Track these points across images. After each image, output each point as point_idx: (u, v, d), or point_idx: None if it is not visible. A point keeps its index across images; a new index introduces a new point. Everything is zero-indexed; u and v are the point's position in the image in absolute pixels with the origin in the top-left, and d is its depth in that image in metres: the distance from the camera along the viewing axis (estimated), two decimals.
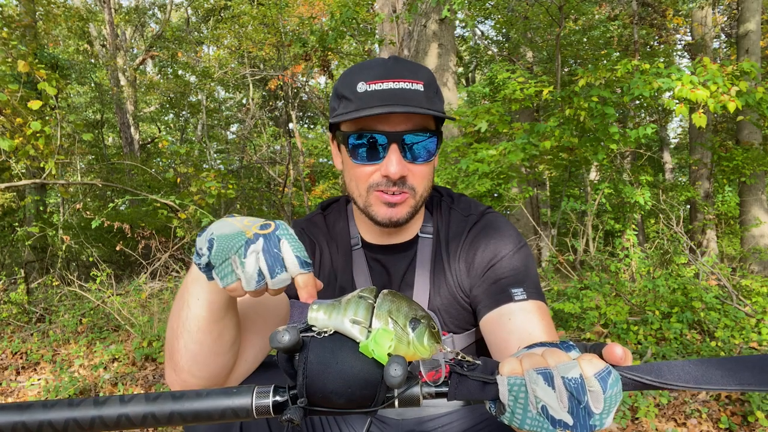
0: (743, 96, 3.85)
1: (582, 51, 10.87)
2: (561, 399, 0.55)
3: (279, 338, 0.60)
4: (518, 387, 0.57)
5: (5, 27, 6.17)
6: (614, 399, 0.56)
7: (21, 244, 6.56)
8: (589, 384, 0.56)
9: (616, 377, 0.56)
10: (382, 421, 1.13)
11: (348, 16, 6.56)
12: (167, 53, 13.43)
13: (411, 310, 0.63)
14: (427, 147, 1.00)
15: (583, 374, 0.56)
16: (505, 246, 1.04)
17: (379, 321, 0.62)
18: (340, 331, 0.63)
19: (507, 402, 0.58)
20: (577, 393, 0.55)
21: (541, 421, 0.56)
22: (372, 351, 0.60)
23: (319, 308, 0.64)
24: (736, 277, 4.70)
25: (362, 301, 0.63)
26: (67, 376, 3.24)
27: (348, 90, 0.97)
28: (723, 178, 8.38)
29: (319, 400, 0.61)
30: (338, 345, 0.61)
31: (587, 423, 0.55)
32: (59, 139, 4.56)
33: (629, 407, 2.55)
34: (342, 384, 0.60)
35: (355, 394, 0.60)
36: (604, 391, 0.55)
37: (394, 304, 0.63)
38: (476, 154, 4.66)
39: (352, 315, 0.62)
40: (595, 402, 0.55)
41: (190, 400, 0.62)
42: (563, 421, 0.55)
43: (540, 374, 0.56)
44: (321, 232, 1.15)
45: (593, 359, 0.58)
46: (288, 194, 9.99)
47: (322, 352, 0.61)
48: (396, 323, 0.61)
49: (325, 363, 0.60)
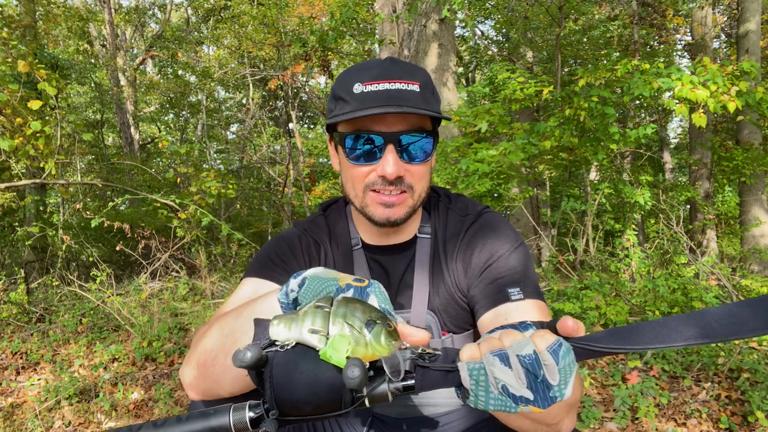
0: (743, 96, 3.85)
1: (582, 51, 10.87)
2: (519, 376, 0.58)
3: (241, 357, 0.61)
4: (477, 371, 0.60)
5: (5, 27, 6.17)
6: (568, 369, 0.58)
7: (21, 244, 6.56)
8: (543, 358, 0.58)
9: (568, 348, 0.59)
10: (382, 421, 1.13)
11: (348, 16, 6.56)
12: (167, 53, 13.43)
13: (366, 313, 0.64)
14: (423, 147, 1.00)
15: (536, 350, 0.59)
16: (502, 245, 1.05)
17: (336, 327, 0.63)
18: (301, 342, 0.64)
19: (469, 387, 0.61)
20: (532, 368, 0.58)
21: (504, 400, 0.59)
22: (330, 357, 0.61)
23: (279, 322, 0.65)
24: (736, 277, 4.71)
25: (318, 311, 0.65)
26: (67, 376, 3.24)
27: (344, 91, 0.98)
28: (723, 178, 8.39)
29: (290, 410, 0.63)
30: (300, 355, 0.63)
31: (547, 395, 0.58)
32: (59, 139, 4.56)
33: (629, 407, 2.55)
34: (307, 392, 0.62)
35: (322, 400, 0.62)
36: (557, 363, 0.58)
37: (348, 308, 0.64)
38: (476, 154, 4.66)
39: (310, 325, 0.64)
40: (551, 375, 0.58)
41: (171, 426, 0.64)
42: (524, 397, 0.58)
43: (496, 356, 0.59)
44: (323, 232, 1.16)
45: (545, 334, 0.61)
46: (288, 194, 9.99)
47: (285, 363, 0.63)
48: (352, 327, 0.63)
49: (289, 374, 0.62)
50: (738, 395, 2.65)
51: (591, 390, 2.85)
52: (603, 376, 2.98)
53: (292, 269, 1.06)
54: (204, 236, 6.22)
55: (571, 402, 0.81)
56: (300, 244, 1.12)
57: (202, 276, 5.33)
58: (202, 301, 4.74)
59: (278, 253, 1.10)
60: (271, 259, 1.08)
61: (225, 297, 4.87)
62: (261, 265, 1.07)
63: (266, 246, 1.14)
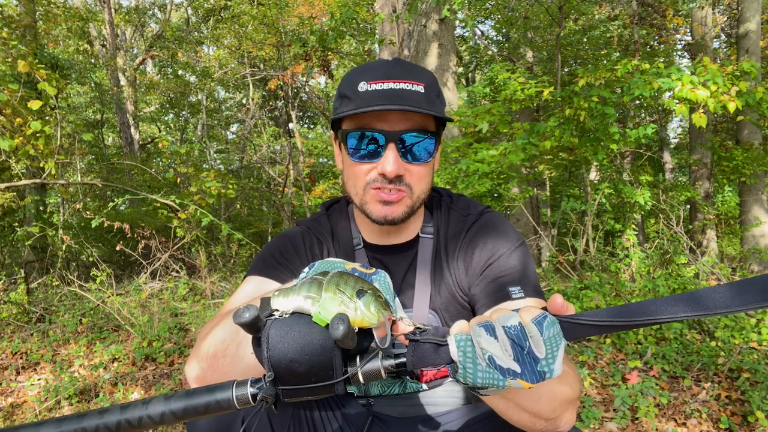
0: (743, 96, 3.85)
1: (582, 51, 10.88)
2: (505, 347, 0.59)
3: (240, 314, 0.64)
4: (464, 342, 0.61)
5: (5, 27, 6.17)
6: (554, 341, 0.59)
7: (21, 244, 6.56)
8: (528, 330, 0.59)
9: (552, 320, 0.60)
10: (382, 420, 1.13)
11: (348, 16, 6.57)
12: (167, 53, 13.43)
13: (358, 284, 0.67)
14: (425, 148, 1.01)
15: (522, 322, 0.60)
16: (502, 245, 1.05)
17: (328, 294, 0.66)
18: (297, 310, 0.67)
19: (458, 359, 0.61)
20: (518, 339, 0.59)
21: (491, 372, 0.59)
22: (321, 317, 0.64)
23: (279, 294, 0.69)
24: (736, 277, 4.71)
25: (315, 281, 0.69)
26: (67, 376, 3.24)
27: (349, 89, 0.98)
28: (723, 178, 8.39)
29: (285, 373, 0.65)
30: (295, 320, 0.66)
31: (535, 369, 0.58)
32: (59, 139, 4.56)
33: (629, 407, 2.55)
34: (299, 351, 0.64)
35: (314, 361, 0.64)
36: (542, 334, 0.59)
37: (342, 278, 0.68)
38: (476, 154, 4.66)
39: (305, 292, 0.67)
40: (536, 346, 0.59)
41: (180, 399, 0.68)
42: (511, 370, 0.58)
43: (482, 327, 0.61)
44: (326, 231, 1.16)
45: (531, 308, 0.62)
46: (288, 194, 9.99)
47: (281, 327, 0.66)
48: (343, 293, 0.66)
49: (284, 336, 0.65)
50: (738, 395, 2.65)
51: (591, 390, 2.85)
52: (603, 376, 2.98)
53: (295, 267, 1.07)
54: (204, 236, 6.22)
55: (569, 397, 0.81)
56: (303, 243, 1.13)
57: (202, 276, 5.32)
58: (202, 301, 4.73)
59: (281, 251, 1.10)
60: (275, 258, 1.09)
61: (225, 297, 4.87)
62: (264, 263, 1.08)
63: (269, 244, 1.14)
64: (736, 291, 0.57)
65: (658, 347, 3.20)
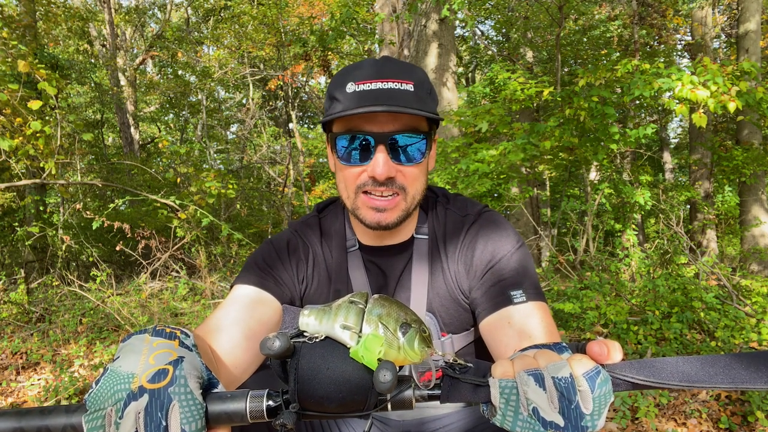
0: (743, 96, 3.84)
1: (582, 51, 10.88)
2: (552, 400, 0.55)
3: (269, 345, 0.60)
4: (509, 390, 0.57)
5: (5, 27, 6.17)
6: (604, 399, 0.55)
7: (21, 244, 6.56)
8: (578, 383, 0.55)
9: (606, 377, 0.56)
10: (382, 422, 1.13)
11: (348, 16, 6.57)
12: (167, 53, 13.42)
13: (402, 315, 0.63)
14: (417, 148, 0.98)
15: (573, 374, 0.56)
16: (503, 247, 1.04)
17: (370, 326, 0.62)
18: (331, 337, 0.63)
19: (498, 404, 0.58)
20: (567, 393, 0.55)
21: (533, 423, 0.56)
22: (362, 357, 0.60)
23: (310, 313, 0.64)
24: (736, 277, 4.70)
25: (353, 306, 0.63)
26: (67, 376, 3.24)
27: (338, 91, 0.96)
28: (723, 178, 8.38)
29: (311, 405, 0.61)
30: (329, 350, 0.62)
31: (579, 424, 0.55)
32: (59, 139, 4.56)
33: (629, 407, 2.55)
34: (333, 389, 0.60)
35: (347, 399, 0.60)
36: (592, 391, 0.55)
37: (384, 308, 0.63)
38: (476, 154, 4.66)
39: (343, 320, 0.62)
40: (584, 402, 0.55)
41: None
42: (554, 423, 0.55)
43: (531, 375, 0.56)
44: (314, 234, 1.14)
45: (583, 359, 0.58)
46: (288, 194, 9.99)
47: (312, 357, 0.61)
48: (386, 328, 0.61)
49: (316, 369, 0.60)
50: (738, 395, 2.65)
51: None
52: None
53: (279, 274, 1.06)
54: (204, 236, 6.21)
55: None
56: (287, 249, 1.11)
57: (202, 276, 5.32)
58: (202, 301, 4.73)
59: (264, 258, 1.08)
60: (258, 265, 1.07)
61: (225, 297, 4.87)
62: (249, 271, 1.07)
63: (256, 251, 1.13)
64: None
65: (658, 347, 3.19)
